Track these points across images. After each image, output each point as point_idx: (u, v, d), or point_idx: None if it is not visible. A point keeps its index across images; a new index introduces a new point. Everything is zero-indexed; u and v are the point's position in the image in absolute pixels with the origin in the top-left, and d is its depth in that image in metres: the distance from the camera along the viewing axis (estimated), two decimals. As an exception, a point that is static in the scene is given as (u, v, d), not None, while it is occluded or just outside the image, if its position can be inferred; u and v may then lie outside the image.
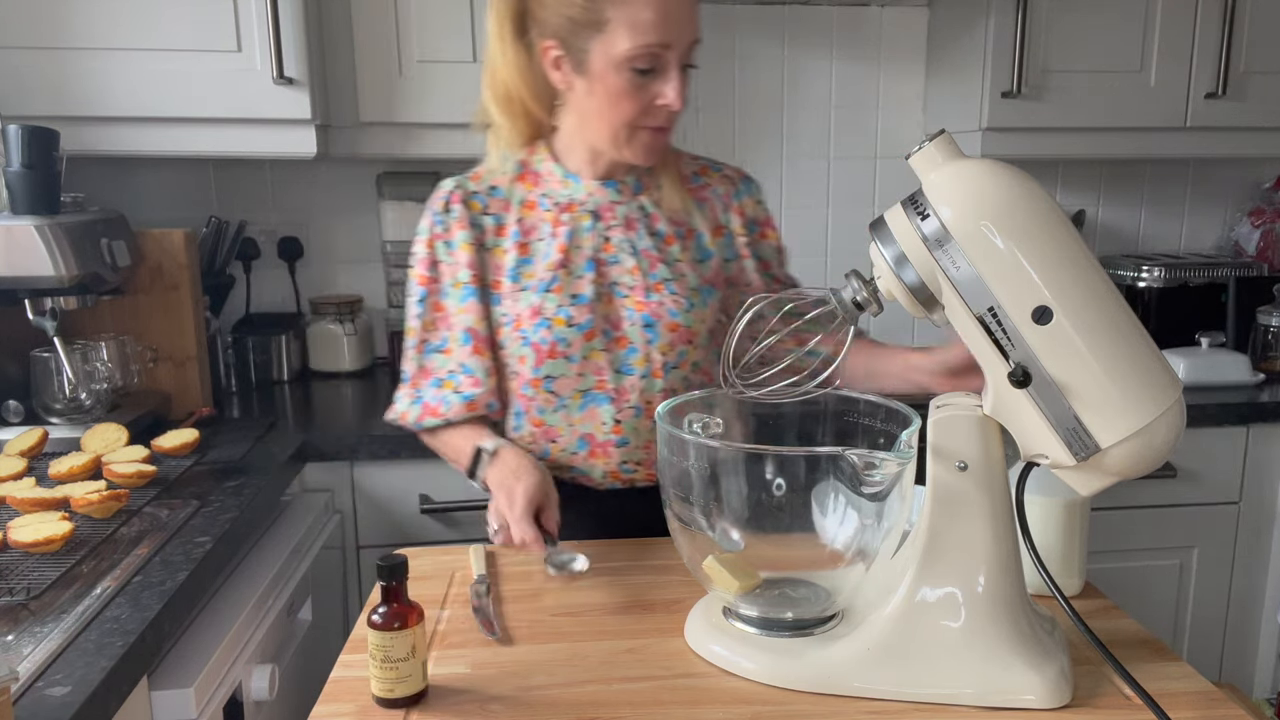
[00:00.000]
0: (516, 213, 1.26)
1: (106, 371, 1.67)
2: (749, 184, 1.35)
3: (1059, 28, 2.01)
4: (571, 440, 1.27)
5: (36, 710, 0.85)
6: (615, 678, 0.93)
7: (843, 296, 0.92)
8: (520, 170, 1.28)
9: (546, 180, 1.27)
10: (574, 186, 1.26)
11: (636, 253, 1.25)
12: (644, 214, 1.27)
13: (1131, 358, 0.82)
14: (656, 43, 1.11)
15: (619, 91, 1.14)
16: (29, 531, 1.14)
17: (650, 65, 1.13)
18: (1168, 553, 2.00)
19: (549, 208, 1.26)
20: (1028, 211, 0.82)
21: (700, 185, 1.32)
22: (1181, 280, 2.24)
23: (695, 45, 1.16)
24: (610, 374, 1.24)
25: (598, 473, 1.28)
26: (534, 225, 1.25)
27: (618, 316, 1.24)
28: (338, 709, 0.88)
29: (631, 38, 1.11)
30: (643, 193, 1.28)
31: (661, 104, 1.15)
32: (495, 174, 1.28)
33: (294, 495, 1.67)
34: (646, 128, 1.18)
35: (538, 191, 1.27)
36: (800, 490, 0.88)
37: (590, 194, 1.25)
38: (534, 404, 1.26)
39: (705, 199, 1.31)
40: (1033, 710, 0.86)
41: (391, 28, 1.88)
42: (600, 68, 1.14)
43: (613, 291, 1.24)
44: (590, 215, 1.25)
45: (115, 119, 1.78)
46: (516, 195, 1.27)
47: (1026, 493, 0.88)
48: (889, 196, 2.39)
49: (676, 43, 1.12)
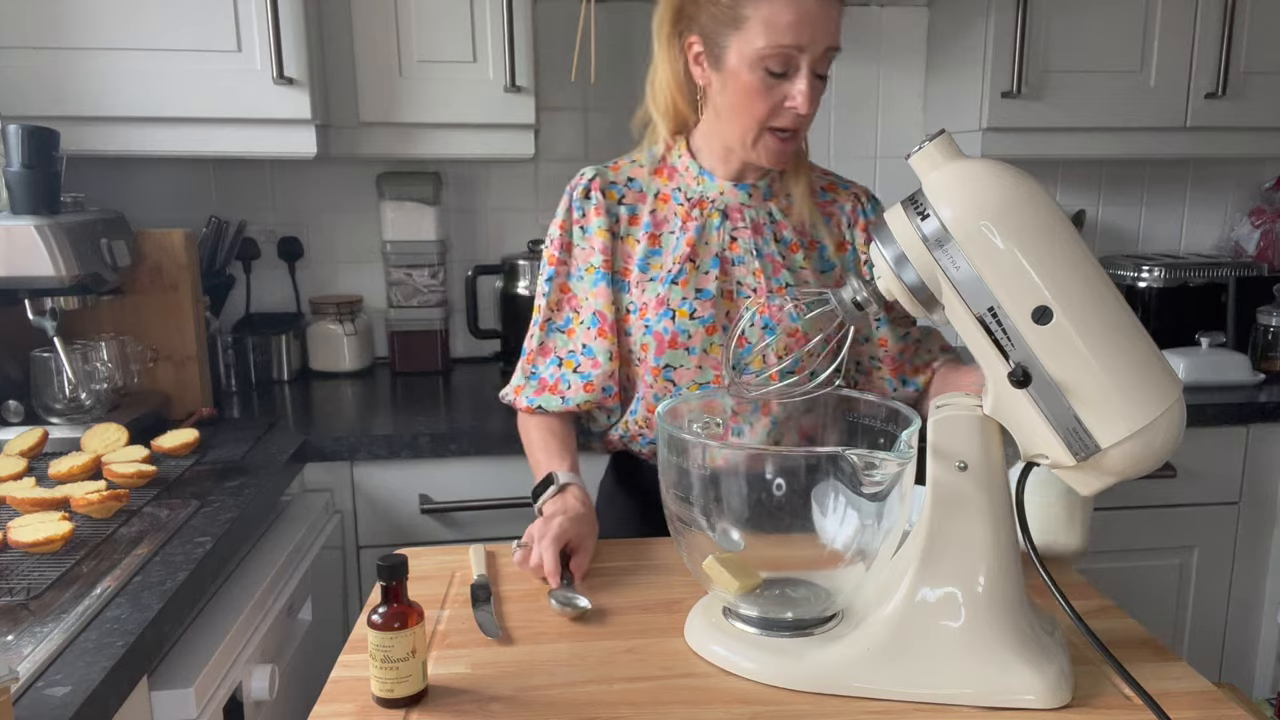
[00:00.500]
0: (650, 204, 1.30)
1: (106, 371, 1.67)
2: (875, 203, 1.38)
3: (1059, 28, 2.01)
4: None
5: (36, 710, 0.85)
6: (615, 678, 0.93)
7: (843, 296, 0.92)
8: (658, 164, 1.32)
9: (682, 175, 1.31)
10: (707, 184, 1.29)
11: (761, 256, 1.28)
12: (771, 220, 1.30)
13: (1131, 358, 0.82)
14: (790, 44, 1.14)
15: (751, 89, 1.18)
16: (29, 531, 1.14)
17: (782, 67, 1.16)
18: (1168, 553, 2.00)
19: (681, 202, 1.29)
20: (1028, 211, 0.82)
21: (828, 200, 1.35)
22: (1181, 280, 2.24)
23: (831, 53, 1.17)
24: (726, 369, 1.26)
25: None
26: (666, 218, 1.29)
27: (739, 315, 1.27)
28: (338, 709, 0.88)
29: (766, 37, 1.14)
30: (772, 199, 1.31)
31: (790, 106, 1.18)
32: (633, 166, 1.33)
33: (294, 495, 1.67)
34: (774, 130, 1.20)
35: (672, 185, 1.31)
36: (800, 490, 0.88)
37: (721, 193, 1.29)
38: (652, 391, 1.29)
39: (831, 213, 1.34)
40: (1033, 710, 0.86)
41: (391, 28, 1.88)
42: (735, 64, 1.18)
43: (736, 290, 1.27)
44: (720, 214, 1.29)
45: (115, 119, 1.78)
46: (652, 188, 1.31)
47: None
48: (889, 196, 2.38)
49: (809, 47, 1.15)
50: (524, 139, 1.96)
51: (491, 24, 1.89)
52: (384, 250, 2.19)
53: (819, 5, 1.14)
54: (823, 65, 1.18)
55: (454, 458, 1.73)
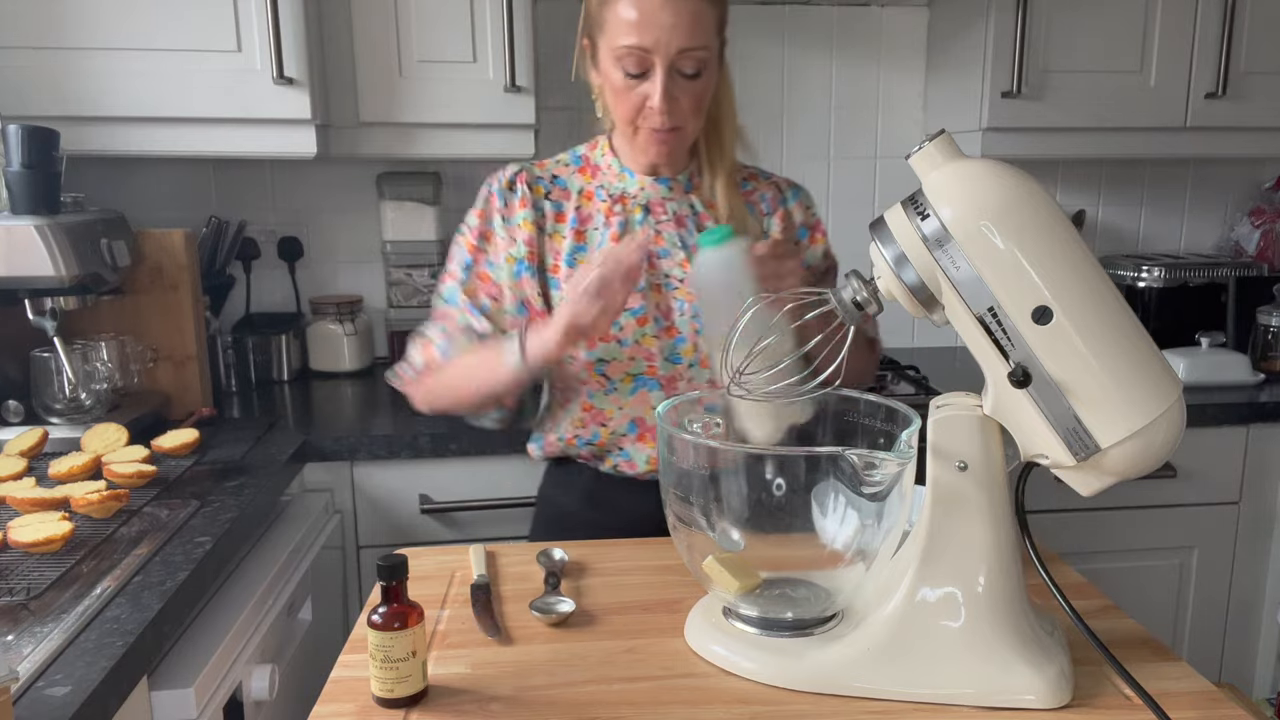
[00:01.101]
0: (575, 201, 1.31)
1: (106, 371, 1.67)
2: (797, 190, 1.39)
3: (1059, 28, 2.01)
4: (622, 423, 1.29)
5: (36, 710, 0.85)
6: (615, 678, 0.93)
7: (842, 296, 0.92)
8: (581, 163, 1.34)
9: (604, 173, 1.32)
10: (628, 180, 1.31)
11: (685, 248, 1.29)
12: (693, 211, 1.31)
13: (1131, 358, 0.82)
14: (635, 45, 1.14)
15: (616, 89, 1.20)
16: (29, 531, 1.14)
17: (638, 68, 1.17)
18: (1168, 553, 2.00)
19: (604, 199, 1.30)
20: (1028, 211, 0.82)
21: (749, 190, 1.36)
22: (1181, 280, 2.24)
23: (690, 55, 1.16)
24: (660, 361, 1.27)
25: (642, 457, 1.30)
26: (590, 215, 1.30)
27: (668, 307, 1.28)
28: (338, 709, 0.88)
29: (617, 37, 1.15)
30: (693, 191, 1.32)
31: (650, 107, 1.19)
32: (558, 165, 1.34)
33: (294, 495, 1.67)
34: (647, 128, 1.21)
35: (595, 183, 1.32)
36: (800, 490, 0.87)
37: (642, 188, 1.30)
38: (586, 388, 1.29)
39: (754, 203, 1.35)
40: (1033, 710, 0.86)
41: (391, 28, 1.88)
42: (604, 65, 1.20)
43: (664, 283, 1.28)
44: (642, 209, 1.30)
45: (115, 119, 1.78)
46: (576, 185, 1.32)
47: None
48: (889, 196, 2.38)
49: (657, 49, 1.14)
50: (524, 139, 1.96)
51: (491, 24, 1.89)
52: (384, 250, 2.19)
53: (665, 6, 1.13)
54: (686, 64, 1.16)
55: (454, 458, 1.73)
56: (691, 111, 1.21)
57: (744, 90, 2.29)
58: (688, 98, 1.20)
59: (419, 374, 1.32)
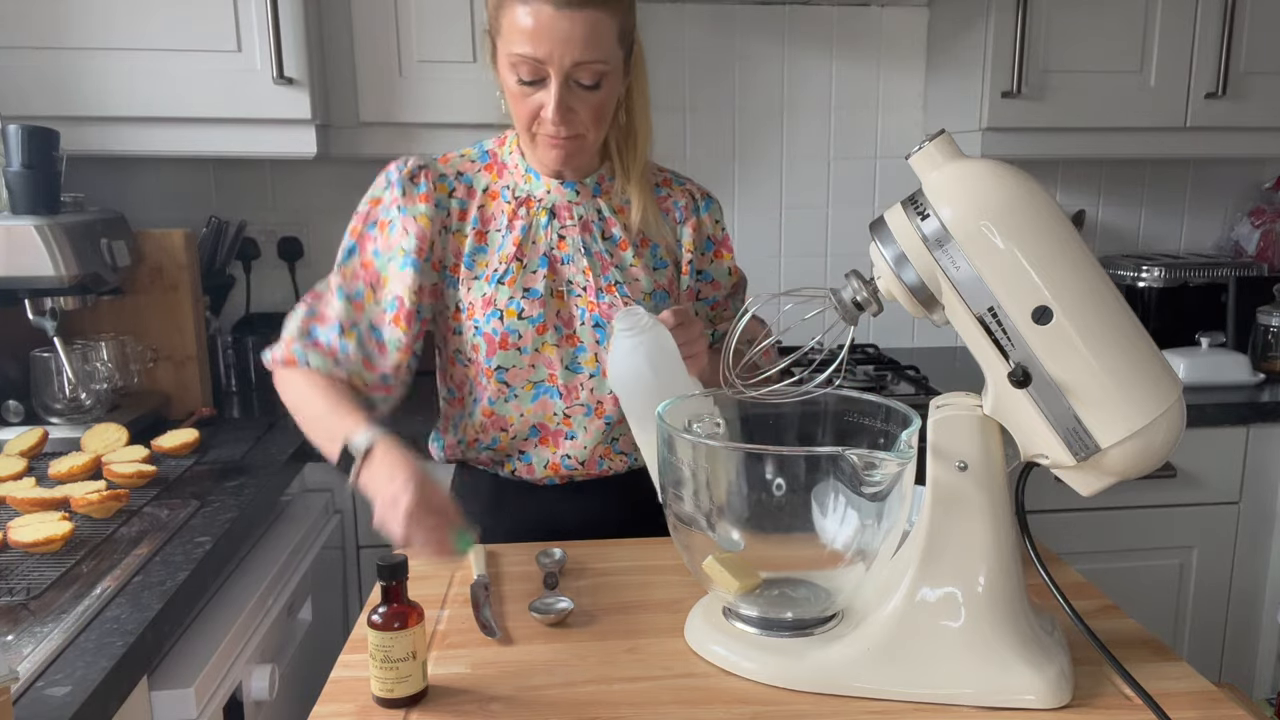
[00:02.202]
0: (479, 200, 1.26)
1: (106, 371, 1.67)
2: (710, 202, 1.35)
3: (1059, 28, 2.01)
4: (523, 428, 1.27)
5: (36, 710, 0.85)
6: (615, 678, 0.93)
7: (843, 297, 0.92)
8: (489, 159, 1.29)
9: (511, 173, 1.27)
10: (534, 183, 1.26)
11: (589, 254, 1.25)
12: (600, 217, 1.27)
13: (1131, 358, 0.82)
14: (529, 54, 1.10)
15: (512, 94, 1.16)
16: (29, 531, 1.14)
17: (532, 76, 1.12)
18: (1168, 553, 2.00)
19: (509, 200, 1.26)
20: (1028, 211, 0.82)
21: (663, 196, 1.33)
22: (1181, 280, 2.24)
23: (586, 67, 1.11)
24: (561, 369, 1.24)
25: (541, 462, 1.28)
26: (493, 215, 1.26)
27: (570, 314, 1.24)
28: (338, 709, 0.88)
29: (511, 45, 1.11)
30: (601, 195, 1.28)
31: (543, 115, 1.14)
32: (463, 160, 1.28)
33: (294, 495, 1.67)
34: (543, 134, 1.17)
35: (501, 183, 1.27)
36: (800, 490, 0.87)
37: (548, 191, 1.26)
38: (486, 393, 1.26)
39: (667, 209, 1.32)
40: (1033, 710, 0.86)
41: (391, 28, 1.88)
42: (501, 68, 1.16)
43: (566, 290, 1.24)
44: (547, 212, 1.25)
45: (115, 119, 1.78)
46: (481, 183, 1.27)
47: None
48: (889, 196, 2.39)
49: (551, 60, 1.10)
50: (524, 139, 1.96)
51: (491, 24, 1.89)
52: (384, 250, 2.19)
53: (560, 18, 1.08)
54: (583, 76, 1.12)
55: (454, 458, 1.72)
56: (592, 121, 1.17)
57: (744, 90, 2.31)
58: (586, 108, 1.15)
59: (279, 365, 1.26)
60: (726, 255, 1.37)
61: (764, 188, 2.36)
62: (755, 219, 2.37)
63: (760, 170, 2.35)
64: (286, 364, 1.25)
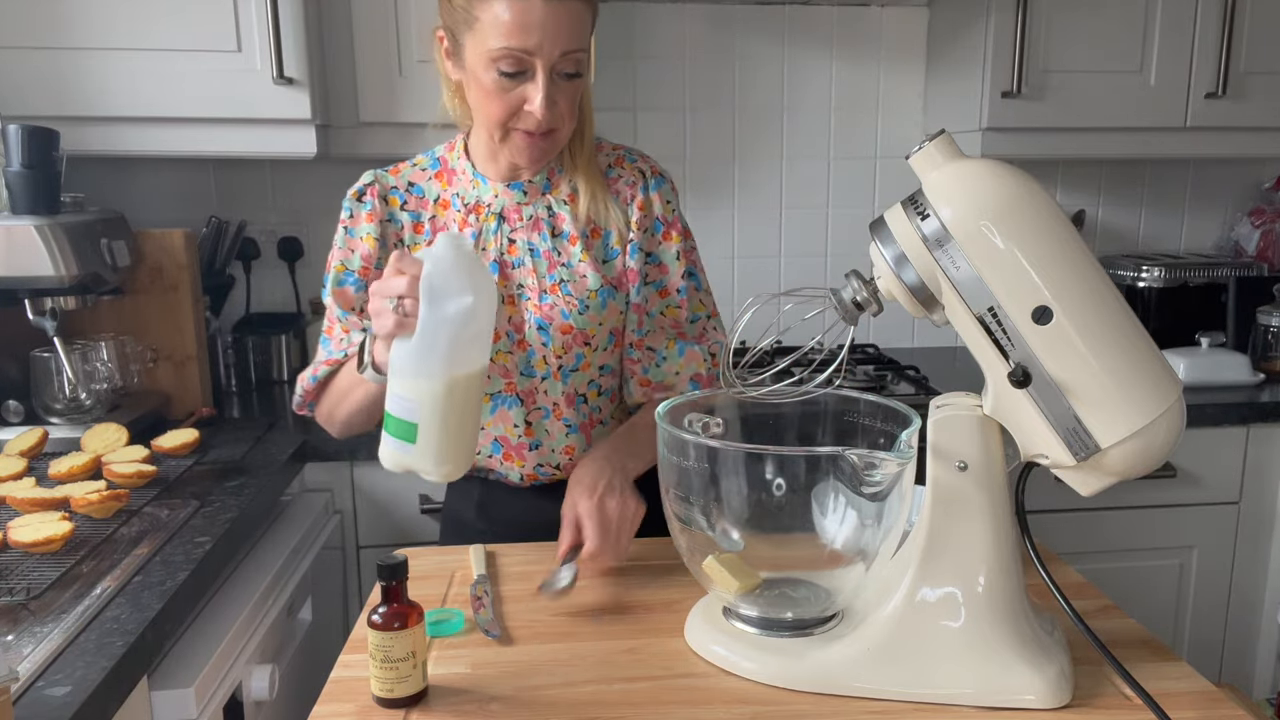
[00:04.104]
0: (431, 210, 1.25)
1: (106, 371, 1.67)
2: (660, 181, 1.28)
3: (1059, 28, 2.01)
4: (486, 443, 1.27)
5: (36, 710, 0.85)
6: (615, 678, 0.93)
7: (843, 296, 0.92)
8: (439, 166, 1.27)
9: (459, 179, 1.26)
10: (481, 188, 1.24)
11: (536, 254, 1.24)
12: (550, 214, 1.25)
13: (1131, 358, 0.82)
14: (517, 47, 1.08)
15: (488, 90, 1.12)
16: (29, 531, 1.14)
17: (515, 68, 1.10)
18: (1168, 553, 2.00)
19: (459, 208, 1.25)
20: (1028, 211, 0.82)
21: (614, 178, 1.27)
22: (1181, 280, 2.24)
23: (571, 56, 1.11)
24: (517, 376, 1.24)
25: (515, 474, 1.29)
26: (445, 224, 1.25)
27: (521, 319, 1.23)
28: (338, 709, 0.88)
29: (494, 39, 1.08)
30: (551, 191, 1.25)
31: (528, 110, 1.12)
32: (415, 170, 1.27)
33: (294, 495, 1.67)
34: (520, 130, 1.14)
35: (451, 191, 1.26)
36: (800, 490, 0.87)
37: (496, 196, 1.24)
38: None
39: (616, 190, 1.27)
40: (1033, 710, 0.86)
41: (391, 28, 1.88)
42: (472, 63, 1.13)
43: (518, 295, 1.23)
44: (496, 218, 1.24)
45: (115, 119, 1.78)
46: (432, 192, 1.26)
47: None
48: (889, 196, 2.39)
49: (540, 51, 1.09)
50: (524, 139, 1.96)
51: (491, 24, 1.89)
52: (384, 250, 2.19)
53: (550, 10, 1.07)
54: (566, 66, 1.11)
55: (454, 458, 1.72)
56: (568, 113, 1.15)
57: (744, 90, 2.31)
58: (565, 99, 1.13)
59: (307, 400, 1.28)
60: (675, 238, 1.28)
61: (764, 188, 2.36)
62: (755, 219, 2.37)
63: (760, 170, 2.35)
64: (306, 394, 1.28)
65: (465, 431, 0.99)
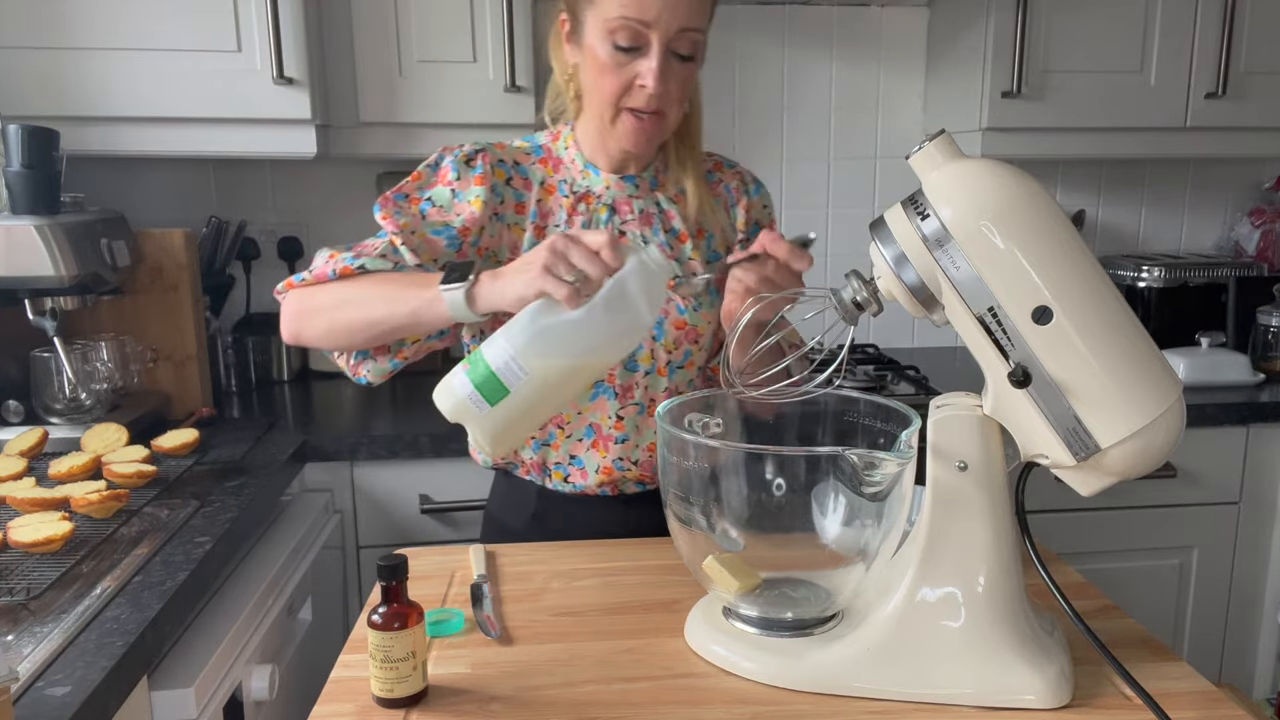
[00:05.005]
0: (536, 194, 1.25)
1: (106, 371, 1.67)
2: (760, 187, 1.35)
3: (1059, 28, 2.01)
4: (579, 427, 1.26)
5: (36, 710, 0.85)
6: (615, 678, 0.93)
7: (843, 296, 0.92)
8: (543, 153, 1.28)
9: (568, 168, 1.26)
10: (592, 178, 1.25)
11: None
12: (659, 210, 1.27)
13: (1131, 358, 0.82)
14: (634, 17, 1.09)
15: (602, 65, 1.14)
16: (29, 531, 1.14)
17: (632, 42, 1.11)
18: (1168, 553, 2.00)
19: (567, 194, 1.25)
20: (1028, 211, 0.82)
21: (715, 181, 1.32)
22: (1181, 280, 2.24)
23: (688, 35, 1.12)
24: (619, 369, 1.24)
25: (594, 466, 1.27)
26: (550, 210, 1.25)
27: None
28: (338, 709, 0.88)
29: (613, 8, 1.10)
30: (659, 189, 1.27)
31: (640, 85, 1.13)
32: (518, 151, 1.27)
33: (294, 495, 1.67)
34: (629, 110, 1.16)
35: (557, 177, 1.26)
36: (800, 490, 0.87)
37: (608, 187, 1.25)
38: None
39: (718, 194, 1.31)
40: (1033, 710, 0.86)
41: (391, 28, 1.88)
42: (590, 39, 1.14)
43: None
44: (608, 209, 1.25)
45: (115, 119, 1.78)
46: (537, 176, 1.26)
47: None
48: (889, 196, 2.39)
49: (657, 23, 1.10)
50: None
51: (491, 24, 1.89)
52: (384, 250, 2.19)
53: None
54: (682, 46, 1.12)
55: (454, 458, 1.73)
56: (677, 98, 1.16)
57: (744, 90, 2.31)
58: (676, 82, 1.14)
59: (308, 283, 1.18)
60: None
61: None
62: (755, 219, 2.37)
63: (760, 170, 2.32)
64: (318, 279, 1.17)
65: (534, 425, 0.98)
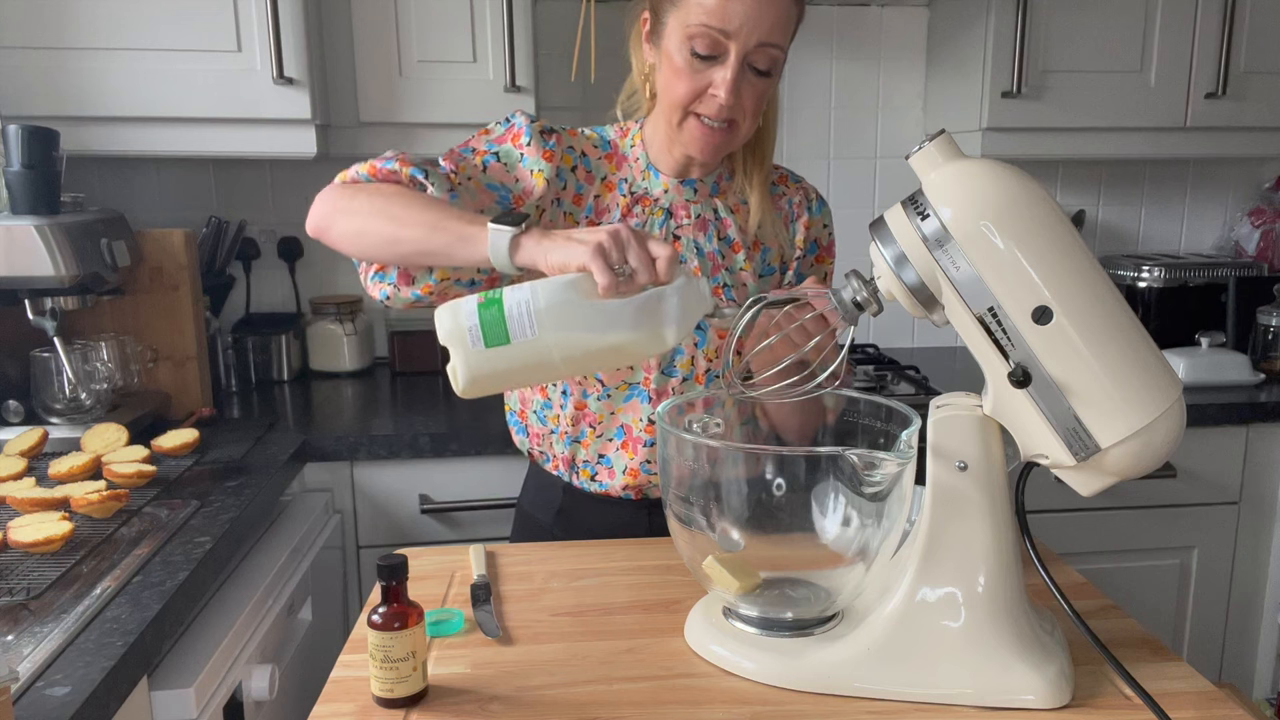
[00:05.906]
0: (597, 188, 1.24)
1: (106, 371, 1.67)
2: (822, 205, 1.34)
3: (1059, 28, 2.01)
4: (611, 427, 1.26)
5: (36, 710, 0.85)
6: (615, 678, 0.93)
7: (843, 296, 0.92)
8: (610, 149, 1.27)
9: (630, 166, 1.26)
10: (652, 180, 1.25)
11: (701, 254, 1.24)
12: (716, 217, 1.26)
13: (1131, 358, 0.82)
14: (715, 26, 1.09)
15: (678, 69, 1.14)
16: (29, 531, 1.14)
17: (709, 50, 1.11)
18: (1168, 553, 2.00)
19: (625, 194, 1.25)
20: (1028, 211, 0.82)
21: (778, 195, 1.31)
22: (1181, 280, 2.24)
23: (767, 50, 1.11)
24: (655, 372, 1.24)
25: (621, 467, 1.27)
26: (607, 207, 1.24)
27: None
28: (338, 709, 0.88)
29: (695, 15, 1.10)
30: (719, 195, 1.27)
31: (712, 93, 1.13)
32: (585, 141, 1.26)
33: (294, 495, 1.67)
34: (698, 116, 1.15)
35: (618, 175, 1.25)
36: (800, 490, 0.87)
37: (666, 190, 1.25)
38: (580, 387, 1.25)
39: (780, 208, 1.30)
40: (1033, 710, 0.86)
41: (391, 28, 1.88)
42: (669, 42, 1.14)
43: None
44: (663, 212, 1.25)
45: (115, 119, 1.78)
46: (600, 171, 1.25)
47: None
48: (889, 196, 2.39)
49: (737, 35, 1.09)
50: (524, 139, 1.96)
51: (491, 24, 1.89)
52: (384, 250, 2.19)
53: None
54: (760, 60, 1.12)
55: (454, 458, 1.73)
56: (751, 110, 1.15)
57: (744, 90, 2.31)
58: (751, 96, 1.14)
59: (357, 181, 1.16)
60: (827, 261, 1.34)
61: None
62: (755, 219, 2.37)
63: (760, 170, 2.35)
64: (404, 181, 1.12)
65: (510, 385, 1.00)
